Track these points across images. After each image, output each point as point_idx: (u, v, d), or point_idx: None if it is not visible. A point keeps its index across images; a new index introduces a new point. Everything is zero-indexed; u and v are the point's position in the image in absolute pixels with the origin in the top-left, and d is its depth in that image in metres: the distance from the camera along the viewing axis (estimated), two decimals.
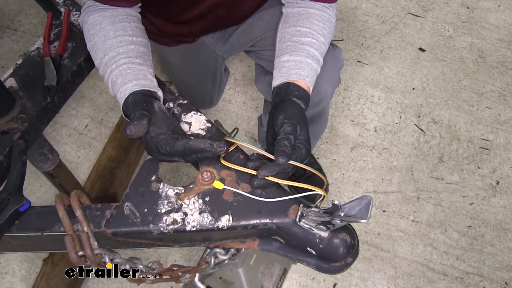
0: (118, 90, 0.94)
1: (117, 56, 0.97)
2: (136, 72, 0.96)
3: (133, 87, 0.92)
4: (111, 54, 0.97)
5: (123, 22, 1.02)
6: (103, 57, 0.98)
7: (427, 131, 2.10)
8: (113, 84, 0.95)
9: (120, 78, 0.94)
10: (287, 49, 1.04)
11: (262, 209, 0.84)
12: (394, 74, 2.30)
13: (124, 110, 0.93)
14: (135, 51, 0.99)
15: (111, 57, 0.97)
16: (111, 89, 0.97)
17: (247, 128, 2.09)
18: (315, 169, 0.89)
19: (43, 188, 1.89)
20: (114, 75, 0.95)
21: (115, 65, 0.96)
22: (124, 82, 0.94)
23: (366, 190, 1.90)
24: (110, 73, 0.96)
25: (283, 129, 0.88)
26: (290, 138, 0.87)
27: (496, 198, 1.92)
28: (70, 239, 0.79)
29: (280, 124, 0.89)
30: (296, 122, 0.89)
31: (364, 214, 0.70)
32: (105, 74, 0.98)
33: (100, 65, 1.00)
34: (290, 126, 0.88)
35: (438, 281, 1.70)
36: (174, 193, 0.87)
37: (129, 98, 0.91)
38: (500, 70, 2.35)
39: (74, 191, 0.82)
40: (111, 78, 0.96)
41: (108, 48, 0.98)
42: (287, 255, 0.88)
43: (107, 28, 1.00)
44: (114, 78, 0.95)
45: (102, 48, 0.99)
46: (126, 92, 0.92)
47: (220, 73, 1.68)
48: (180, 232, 0.82)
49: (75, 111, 2.15)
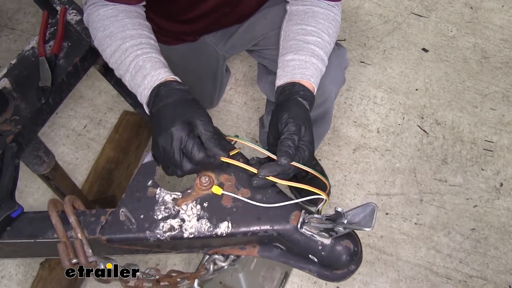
0: (148, 73, 0.91)
1: (141, 45, 0.95)
2: (164, 63, 0.95)
3: (166, 73, 0.91)
4: (133, 42, 0.95)
5: (138, 18, 1.01)
6: (122, 44, 0.95)
7: (430, 132, 2.07)
8: (139, 68, 0.92)
9: (149, 63, 0.92)
10: (291, 47, 1.02)
11: (262, 215, 0.81)
12: (397, 74, 2.27)
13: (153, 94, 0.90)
14: (156, 48, 0.98)
15: (134, 45, 0.95)
16: (133, 73, 0.93)
17: (248, 129, 2.06)
18: (317, 172, 0.87)
19: (41, 190, 1.86)
20: (141, 59, 0.93)
21: (141, 52, 0.94)
22: (156, 67, 0.92)
23: (368, 192, 1.88)
24: (136, 58, 0.93)
25: (287, 129, 0.86)
26: (294, 139, 0.84)
27: (500, 200, 1.89)
28: (63, 246, 0.76)
29: (284, 123, 0.87)
30: (300, 122, 0.87)
31: (368, 221, 0.67)
32: (126, 58, 0.95)
33: (116, 51, 0.96)
34: (295, 126, 0.86)
35: (441, 284, 1.67)
36: (171, 198, 0.84)
37: (172, 85, 0.89)
38: (504, 70, 2.32)
39: (68, 196, 0.80)
40: (136, 61, 0.93)
41: (128, 37, 0.96)
42: (288, 262, 0.85)
43: (125, 21, 0.98)
44: (141, 62, 0.93)
45: (121, 36, 0.96)
46: (160, 76, 0.90)
47: (221, 73, 1.65)
48: (177, 239, 0.79)
49: (73, 111, 2.13)
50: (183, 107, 0.86)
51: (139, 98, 0.94)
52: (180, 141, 0.82)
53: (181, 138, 0.82)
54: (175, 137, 0.82)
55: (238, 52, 1.54)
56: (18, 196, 1.83)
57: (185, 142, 0.82)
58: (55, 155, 1.27)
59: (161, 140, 0.84)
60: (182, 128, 0.82)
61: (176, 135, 0.82)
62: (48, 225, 0.80)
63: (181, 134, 0.82)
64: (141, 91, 0.92)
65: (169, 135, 0.83)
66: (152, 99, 0.90)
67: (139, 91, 0.92)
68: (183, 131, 0.82)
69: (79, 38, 1.18)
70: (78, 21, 1.20)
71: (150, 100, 0.90)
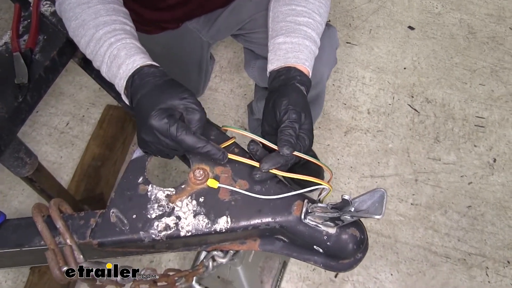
0: (122, 62, 0.85)
1: (114, 31, 0.89)
2: (141, 48, 0.88)
3: (142, 60, 0.85)
4: (107, 29, 0.89)
5: (112, 3, 0.93)
6: (95, 32, 0.89)
7: (421, 111, 2.05)
8: (113, 57, 0.86)
9: (124, 51, 0.86)
10: (282, 29, 0.97)
11: (263, 208, 0.76)
12: (384, 54, 2.24)
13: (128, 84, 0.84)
14: (131, 34, 0.92)
15: (107, 32, 0.88)
16: (109, 63, 0.87)
17: (236, 117, 2.01)
18: (320, 161, 0.83)
19: (26, 192, 1.80)
20: (115, 48, 0.86)
21: (115, 39, 0.87)
22: (130, 54, 0.85)
23: (362, 175, 1.84)
24: (110, 46, 0.87)
25: (287, 116, 0.81)
26: (295, 127, 0.80)
27: (494, 176, 1.87)
28: (52, 254, 0.71)
29: (283, 111, 0.82)
30: (300, 110, 0.82)
31: (377, 209, 0.63)
32: (100, 48, 0.88)
33: (90, 41, 0.90)
34: (295, 113, 0.81)
35: (441, 264, 1.66)
36: (165, 195, 0.79)
37: (144, 71, 0.83)
38: (491, 45, 2.30)
39: (53, 199, 0.74)
40: (110, 51, 0.87)
41: (101, 24, 0.89)
42: (292, 254, 0.81)
43: (98, 7, 0.91)
44: (116, 51, 0.86)
45: (94, 24, 0.89)
46: (135, 63, 0.84)
47: (206, 60, 1.59)
48: (173, 238, 0.74)
49: (54, 108, 2.06)
50: (158, 93, 0.80)
51: (117, 89, 0.88)
52: (163, 131, 0.76)
53: (163, 127, 0.76)
54: (157, 130, 0.76)
55: (223, 37, 1.48)
56: (2, 200, 1.78)
57: (167, 129, 0.76)
58: (38, 155, 1.21)
59: (145, 135, 0.79)
60: (158, 117, 0.76)
61: (157, 126, 0.76)
62: (34, 232, 0.75)
63: (161, 124, 0.76)
64: (118, 82, 0.86)
65: (150, 129, 0.77)
66: (129, 90, 0.84)
67: (116, 82, 0.86)
68: (161, 120, 0.76)
69: (55, 30, 1.11)
70: (53, 12, 1.13)
71: (128, 91, 0.85)
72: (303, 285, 1.59)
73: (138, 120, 0.81)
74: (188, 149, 0.78)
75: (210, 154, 0.78)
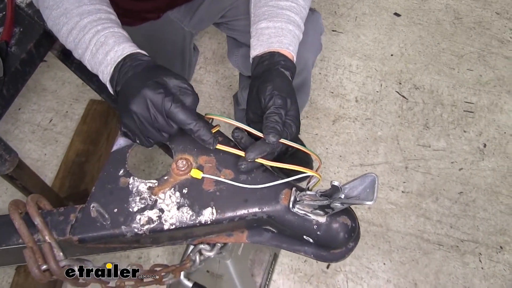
0: (111, 49, 0.81)
1: (100, 20, 0.86)
2: (129, 38, 0.85)
3: (131, 48, 0.82)
4: (92, 17, 0.85)
5: None
6: (79, 20, 0.85)
7: (410, 97, 2.03)
8: (100, 45, 0.83)
9: (112, 39, 0.83)
10: (264, 14, 0.93)
11: (249, 197, 0.73)
12: (370, 41, 2.21)
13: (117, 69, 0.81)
14: (117, 24, 0.88)
15: (93, 20, 0.85)
16: (94, 50, 0.84)
17: (222, 108, 1.98)
18: (308, 149, 0.80)
19: (9, 191, 1.76)
20: (103, 35, 0.83)
21: (102, 27, 0.84)
22: (119, 42, 0.82)
23: (352, 163, 1.82)
24: (96, 33, 0.83)
25: (272, 102, 0.78)
26: (281, 113, 0.77)
27: (485, 161, 1.86)
28: (30, 252, 0.67)
29: (268, 96, 0.79)
30: (285, 95, 0.79)
31: (369, 194, 0.61)
32: (85, 35, 0.85)
33: (73, 29, 0.86)
34: (281, 98, 0.78)
35: (434, 251, 1.64)
36: (147, 187, 0.76)
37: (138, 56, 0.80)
38: (477, 30, 2.29)
39: (31, 195, 0.71)
40: (97, 38, 0.83)
41: (85, 12, 0.86)
42: (281, 245, 0.78)
43: None
44: (103, 38, 0.83)
45: (78, 12, 0.86)
46: (125, 51, 0.81)
47: (189, 51, 1.55)
48: (157, 232, 0.71)
49: (37, 105, 2.02)
50: (152, 71, 0.77)
51: (101, 77, 0.84)
52: (158, 102, 0.72)
53: (158, 98, 0.72)
54: (149, 99, 0.72)
55: (206, 26, 1.45)
56: None
57: (162, 100, 0.72)
58: (21, 153, 1.18)
59: (134, 106, 0.73)
60: (155, 88, 0.73)
61: (152, 96, 0.72)
62: (11, 230, 0.71)
63: (157, 94, 0.72)
64: (103, 69, 0.82)
65: (141, 98, 0.73)
66: (116, 75, 0.80)
67: (101, 69, 0.83)
68: (157, 90, 0.72)
69: (32, 22, 1.07)
70: (28, 3, 1.09)
71: (114, 76, 0.81)
72: (294, 277, 1.57)
73: (127, 95, 0.76)
74: (180, 124, 0.73)
75: (201, 134, 0.74)
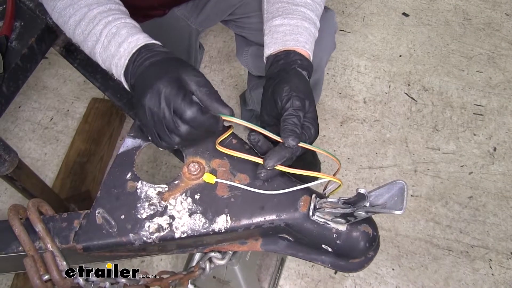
0: (124, 40, 0.78)
1: (110, 11, 0.82)
2: (140, 28, 0.82)
3: (146, 39, 0.78)
4: (102, 8, 0.82)
5: None
6: (88, 11, 0.82)
7: (419, 99, 1.98)
8: (112, 36, 0.79)
9: (125, 29, 0.79)
10: (278, 11, 0.89)
11: (266, 204, 0.69)
12: (379, 41, 2.17)
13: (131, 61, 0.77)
14: (128, 15, 0.85)
15: (103, 11, 0.82)
16: (106, 42, 0.80)
17: None
18: (327, 151, 0.75)
19: (8, 191, 1.72)
20: (114, 26, 0.79)
21: (113, 18, 0.81)
22: (132, 32, 0.79)
23: (360, 166, 1.78)
24: (107, 24, 0.80)
25: (291, 104, 0.73)
26: (299, 115, 0.73)
27: (495, 165, 1.82)
28: (31, 261, 0.63)
29: (286, 98, 0.74)
30: (304, 96, 0.75)
31: (397, 203, 0.56)
32: (96, 26, 0.81)
33: (82, 20, 0.82)
34: (299, 100, 0.74)
35: (443, 257, 1.60)
36: (156, 192, 0.71)
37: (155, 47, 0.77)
38: (487, 32, 2.24)
39: (32, 200, 0.66)
40: (108, 29, 0.80)
41: (94, 3, 0.82)
42: (297, 254, 0.74)
43: None
44: (115, 29, 0.79)
45: (85, 3, 0.82)
46: (139, 41, 0.77)
47: (195, 49, 1.51)
48: (167, 240, 0.67)
49: (37, 103, 1.99)
50: (170, 64, 0.73)
51: (114, 71, 0.80)
52: (169, 98, 0.69)
53: (170, 94, 0.69)
54: (163, 94, 0.69)
55: (213, 24, 1.40)
56: None
57: (174, 97, 0.68)
58: (21, 152, 1.13)
59: (147, 100, 0.70)
60: (169, 82, 0.69)
61: (165, 91, 0.69)
62: (11, 237, 0.67)
63: (170, 89, 0.69)
64: (116, 62, 0.78)
65: (155, 92, 0.69)
66: (131, 66, 0.76)
67: (114, 62, 0.78)
68: (172, 86, 0.69)
69: (33, 16, 1.03)
70: None
71: (128, 69, 0.77)
72: (301, 282, 1.53)
73: (141, 88, 0.73)
74: (189, 121, 0.69)
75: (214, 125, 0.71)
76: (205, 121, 0.70)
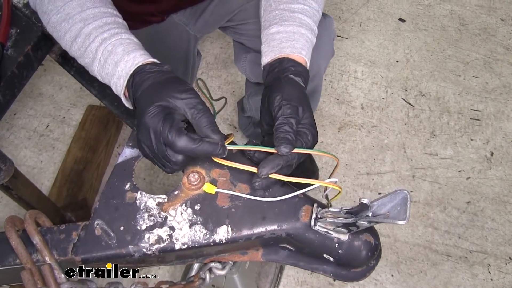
0: (120, 59, 0.76)
1: (106, 25, 0.80)
2: (139, 44, 0.80)
3: (142, 57, 0.76)
4: (97, 23, 0.80)
5: None
6: (84, 27, 0.80)
7: (416, 104, 1.99)
8: (108, 54, 0.78)
9: (120, 47, 0.77)
10: (275, 18, 0.89)
11: (267, 214, 0.68)
12: (375, 47, 2.17)
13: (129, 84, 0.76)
14: (124, 27, 0.83)
15: (98, 26, 0.80)
16: (102, 60, 0.79)
17: (225, 115, 1.93)
18: (326, 152, 0.75)
19: (4, 200, 1.69)
20: (110, 43, 0.78)
21: (108, 34, 0.79)
22: (128, 50, 0.77)
23: (358, 172, 1.78)
24: (103, 42, 0.78)
25: (281, 112, 0.73)
26: (291, 122, 0.72)
27: (492, 170, 1.82)
28: (28, 274, 0.62)
29: (277, 107, 0.74)
30: (296, 103, 0.74)
31: (400, 213, 0.56)
32: (91, 43, 0.79)
33: (77, 36, 0.81)
34: (290, 108, 0.73)
35: (442, 262, 1.60)
36: (156, 203, 0.70)
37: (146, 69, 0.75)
38: (482, 37, 2.25)
39: (29, 211, 0.65)
40: (104, 46, 0.78)
41: (89, 18, 0.81)
42: (299, 264, 0.73)
43: None
44: (110, 47, 0.78)
45: (81, 17, 0.81)
46: (136, 60, 0.76)
47: (193, 55, 1.50)
48: (167, 251, 0.66)
49: (33, 110, 1.97)
50: (157, 90, 0.72)
51: (114, 90, 0.79)
52: (157, 132, 0.68)
53: (157, 128, 0.68)
54: (151, 130, 0.69)
55: (212, 30, 1.40)
56: None
57: (161, 130, 0.68)
58: (17, 160, 1.12)
59: (140, 136, 0.70)
60: (155, 115, 0.69)
61: (152, 126, 0.68)
62: (8, 249, 0.66)
63: (156, 123, 0.68)
64: (116, 81, 0.77)
65: (144, 129, 0.69)
66: (131, 91, 0.75)
67: (113, 82, 0.77)
68: (158, 118, 0.68)
69: (29, 24, 1.02)
70: (26, 3, 1.04)
71: (130, 91, 0.76)
72: None
73: (137, 120, 0.72)
74: (181, 152, 0.69)
75: (210, 152, 0.69)
76: (198, 149, 0.69)
